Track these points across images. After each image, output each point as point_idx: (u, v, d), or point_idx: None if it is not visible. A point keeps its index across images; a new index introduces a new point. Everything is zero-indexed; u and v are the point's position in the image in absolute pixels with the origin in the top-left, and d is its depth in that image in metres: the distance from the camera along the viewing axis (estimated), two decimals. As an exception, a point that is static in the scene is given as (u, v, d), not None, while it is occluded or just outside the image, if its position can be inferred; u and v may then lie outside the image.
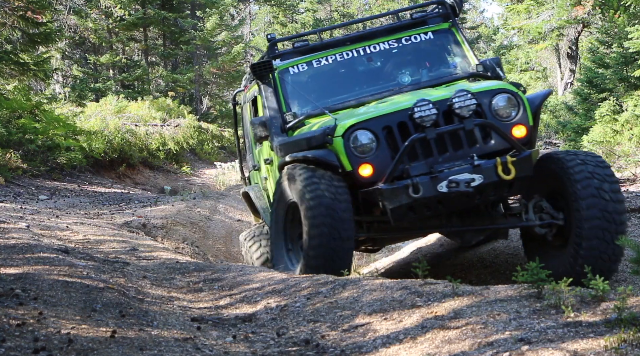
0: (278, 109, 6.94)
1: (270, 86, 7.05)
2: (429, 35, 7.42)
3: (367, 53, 7.34)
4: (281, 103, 7.00)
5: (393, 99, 6.67)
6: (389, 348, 3.87)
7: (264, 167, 7.69)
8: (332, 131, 6.16)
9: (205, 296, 5.73)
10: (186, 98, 29.86)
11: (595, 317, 3.68)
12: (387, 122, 6.15)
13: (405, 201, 5.93)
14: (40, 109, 15.93)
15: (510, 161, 5.97)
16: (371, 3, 44.13)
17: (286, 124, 6.85)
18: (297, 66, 7.24)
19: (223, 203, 12.38)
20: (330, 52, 7.30)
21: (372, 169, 6.08)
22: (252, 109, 7.96)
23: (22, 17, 15.23)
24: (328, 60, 7.29)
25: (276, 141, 6.69)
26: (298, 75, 7.19)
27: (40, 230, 8.24)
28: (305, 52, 7.32)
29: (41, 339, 3.80)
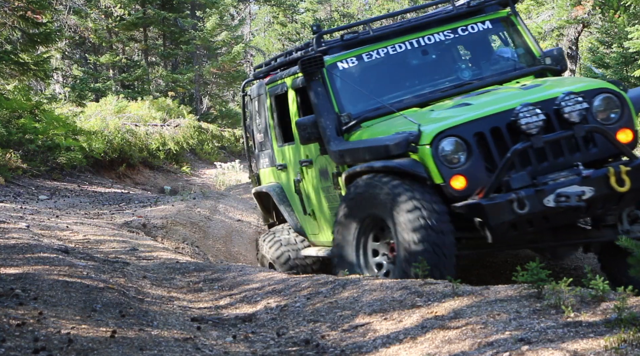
0: (329, 109, 6.31)
1: (320, 83, 6.41)
2: (486, 24, 6.81)
3: (421, 45, 6.71)
4: (332, 102, 6.38)
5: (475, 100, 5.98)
6: (389, 348, 3.88)
7: (295, 168, 7.14)
8: (417, 138, 5.52)
9: (205, 296, 5.74)
10: (186, 98, 29.86)
11: (595, 317, 3.68)
12: (479, 128, 5.52)
13: (509, 218, 5.27)
14: (40, 109, 15.93)
15: (625, 171, 5.32)
16: (371, 3, 44.12)
17: (342, 126, 6.26)
18: (346, 60, 6.59)
19: (223, 203, 12.38)
20: (381, 44, 6.67)
21: (464, 181, 5.45)
22: (276, 105, 7.37)
23: (22, 17, 15.23)
24: (379, 53, 6.64)
25: (335, 145, 6.13)
26: (347, 70, 6.57)
27: (40, 230, 8.24)
28: (353, 45, 6.67)
29: (41, 339, 3.80)
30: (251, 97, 8.01)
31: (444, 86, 6.57)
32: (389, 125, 6.03)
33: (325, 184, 6.65)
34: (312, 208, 6.99)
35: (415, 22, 6.80)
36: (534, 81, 6.38)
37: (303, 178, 7.01)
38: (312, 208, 6.99)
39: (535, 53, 6.71)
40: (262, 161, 7.94)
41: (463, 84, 6.54)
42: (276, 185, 7.60)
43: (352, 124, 6.26)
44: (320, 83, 6.41)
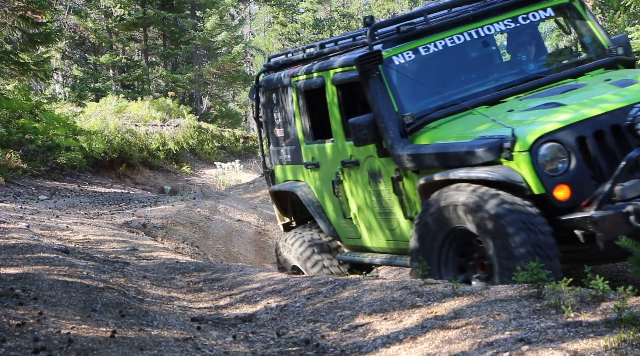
0: (390, 109, 5.79)
1: (378, 80, 5.87)
2: (548, 11, 6.29)
3: (481, 36, 6.20)
4: (391, 101, 5.85)
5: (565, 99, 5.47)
6: (389, 348, 3.88)
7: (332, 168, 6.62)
8: (512, 143, 5.00)
9: (205, 296, 5.74)
10: (186, 98, 29.87)
11: (595, 317, 3.68)
12: (581, 132, 5.05)
13: (625, 231, 4.62)
14: (40, 109, 15.94)
15: None
16: (371, 3, 44.13)
17: (406, 127, 5.74)
18: (402, 54, 6.04)
19: (223, 203, 12.38)
20: (438, 36, 6.12)
21: (569, 191, 4.97)
22: (305, 100, 6.86)
23: (22, 17, 15.24)
24: (437, 46, 6.10)
25: (401, 149, 5.65)
26: (404, 66, 6.03)
27: (40, 230, 8.24)
28: (409, 37, 6.13)
29: (41, 339, 3.80)
30: (266, 89, 7.44)
31: (508, 80, 6.09)
32: (466, 127, 5.55)
33: (375, 187, 6.18)
34: (353, 212, 6.54)
35: (474, 12, 6.25)
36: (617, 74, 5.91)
37: (344, 180, 6.51)
38: (354, 211, 6.53)
39: (604, 43, 6.23)
40: (280, 157, 7.44)
41: (531, 78, 6.06)
42: (303, 184, 7.12)
43: (416, 125, 5.76)
44: (378, 80, 5.88)
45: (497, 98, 5.83)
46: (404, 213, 5.91)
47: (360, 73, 5.90)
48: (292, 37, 42.52)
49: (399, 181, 5.88)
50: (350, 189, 6.47)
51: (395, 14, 42.57)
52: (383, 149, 5.86)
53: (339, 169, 6.52)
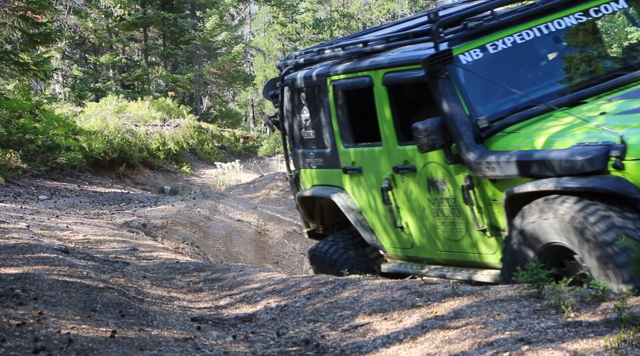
0: (461, 112, 5.36)
1: (447, 81, 5.45)
2: (621, 3, 5.84)
3: (552, 31, 5.75)
4: (462, 104, 5.42)
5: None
6: (389, 348, 3.88)
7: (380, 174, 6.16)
8: (622, 150, 4.53)
9: (205, 296, 5.74)
10: (186, 98, 29.87)
11: (595, 317, 3.68)
12: None
13: None
14: (40, 109, 15.93)
15: None
16: (371, 3, 44.13)
17: (481, 131, 5.28)
18: (469, 52, 5.57)
19: (223, 203, 12.38)
20: (506, 32, 5.67)
21: None
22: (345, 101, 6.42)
23: (22, 17, 15.24)
24: (505, 43, 5.65)
25: (478, 156, 5.20)
26: (472, 65, 5.57)
27: (40, 230, 8.24)
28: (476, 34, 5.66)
29: (41, 339, 3.80)
30: (293, 88, 6.94)
31: (584, 79, 5.68)
32: (554, 132, 5.10)
33: (436, 196, 5.74)
34: (405, 221, 6.10)
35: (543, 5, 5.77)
36: None
37: (395, 187, 6.05)
38: (407, 220, 6.10)
39: None
40: (308, 160, 6.96)
41: (612, 77, 5.62)
42: (340, 190, 6.65)
43: (492, 129, 5.31)
44: (447, 82, 5.44)
45: (576, 99, 5.42)
46: (475, 224, 5.44)
47: (428, 74, 5.44)
48: (292, 37, 42.53)
49: (469, 189, 5.41)
50: (404, 197, 6.02)
51: (395, 14, 42.58)
52: (452, 155, 5.40)
53: (389, 175, 6.06)
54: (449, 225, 5.73)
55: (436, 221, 5.82)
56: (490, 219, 5.35)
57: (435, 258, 5.98)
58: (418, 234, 6.03)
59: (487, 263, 5.52)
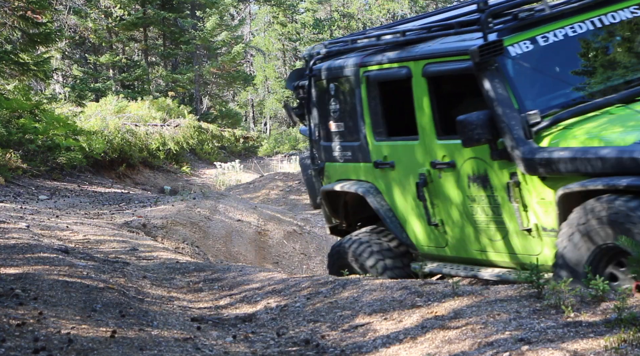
0: (510, 106, 5.16)
1: (496, 73, 5.24)
2: None
3: (606, 25, 5.52)
4: (510, 97, 5.21)
5: None
6: (389, 348, 3.88)
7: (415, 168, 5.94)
8: None
9: (205, 296, 5.74)
10: (186, 98, 29.88)
11: (595, 317, 3.68)
12: None
13: None
14: (40, 109, 15.93)
15: None
16: (371, 3, 44.14)
17: (532, 127, 5.07)
18: (518, 44, 5.35)
19: (223, 203, 12.38)
20: (558, 24, 5.44)
21: None
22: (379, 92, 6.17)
23: (22, 17, 15.24)
24: (556, 35, 5.43)
25: (528, 151, 5.01)
26: (521, 57, 5.35)
27: (40, 230, 8.24)
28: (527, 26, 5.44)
29: (41, 339, 3.80)
30: (322, 79, 6.69)
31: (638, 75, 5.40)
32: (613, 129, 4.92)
33: (476, 193, 5.53)
34: (440, 218, 5.89)
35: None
36: None
37: (431, 182, 5.84)
38: (442, 217, 5.89)
39: None
40: (334, 153, 6.74)
41: None
42: (370, 185, 6.42)
43: (544, 125, 5.08)
44: (496, 74, 5.23)
45: (631, 96, 5.21)
46: (519, 223, 5.24)
47: (477, 65, 5.20)
48: (292, 37, 42.54)
49: (515, 187, 5.21)
50: (440, 194, 5.81)
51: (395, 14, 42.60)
52: (498, 150, 5.21)
53: (425, 171, 5.84)
54: (488, 224, 5.52)
55: (474, 219, 5.62)
56: (536, 218, 5.14)
57: (470, 257, 5.76)
58: (453, 233, 5.83)
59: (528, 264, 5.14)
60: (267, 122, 44.53)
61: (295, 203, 16.93)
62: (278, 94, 41.27)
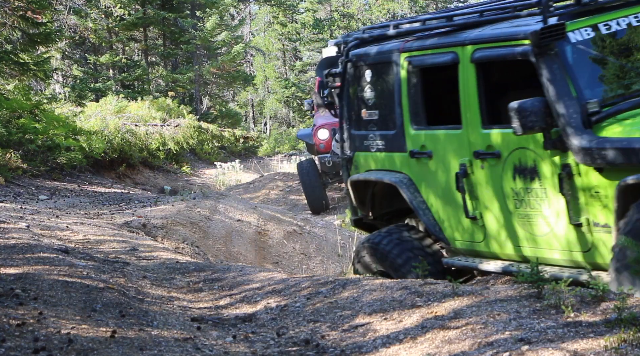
0: (569, 94, 4.97)
1: (555, 59, 5.04)
2: None
3: None
4: (569, 85, 5.01)
5: None
6: (389, 348, 3.88)
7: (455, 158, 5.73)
8: None
9: (205, 296, 5.74)
10: (186, 98, 29.88)
11: (595, 317, 3.68)
12: None
13: None
14: (40, 109, 15.93)
15: None
16: (371, 3, 44.14)
17: (591, 116, 4.89)
18: (579, 30, 5.15)
19: (223, 203, 12.37)
20: (621, 13, 5.24)
21: None
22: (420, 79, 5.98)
23: (22, 17, 15.24)
24: (620, 24, 5.21)
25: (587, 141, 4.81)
26: (581, 44, 5.15)
27: (40, 230, 8.23)
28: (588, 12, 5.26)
29: (41, 339, 3.80)
30: (358, 65, 6.51)
31: None
32: None
33: (523, 185, 5.32)
34: (479, 211, 5.67)
35: None
36: None
37: (472, 173, 5.62)
38: (481, 211, 5.67)
39: None
40: (367, 142, 6.51)
41: None
42: (403, 176, 6.16)
43: (603, 115, 4.91)
44: (555, 59, 5.03)
45: None
46: (569, 217, 5.02)
47: (537, 48, 5.00)
48: (292, 37, 42.54)
49: (567, 179, 5.00)
50: (481, 185, 5.59)
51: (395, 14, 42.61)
52: (552, 140, 5.00)
53: (466, 161, 5.62)
54: (533, 218, 5.31)
55: (517, 212, 5.39)
56: (587, 212, 4.93)
57: (508, 253, 5.56)
58: (493, 226, 5.59)
59: (576, 261, 5.09)
60: (267, 122, 44.53)
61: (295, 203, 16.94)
62: (278, 94, 41.27)
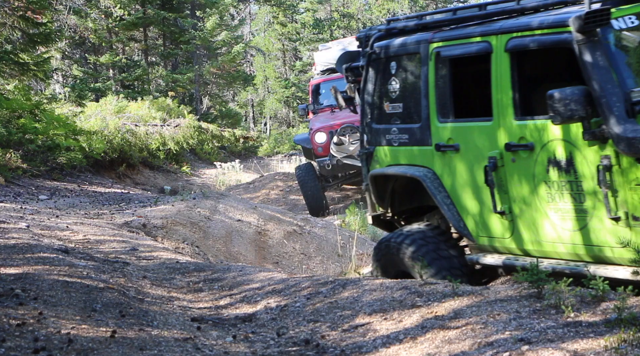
0: (612, 82, 4.83)
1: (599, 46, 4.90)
2: None
3: None
4: (611, 72, 4.87)
5: None
6: (389, 348, 3.88)
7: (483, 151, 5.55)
8: None
9: (205, 296, 5.73)
10: (186, 98, 29.88)
11: (595, 317, 3.68)
12: None
13: None
14: (40, 109, 15.93)
15: None
16: (371, 3, 44.14)
17: (635, 105, 4.75)
18: (623, 18, 4.98)
19: (223, 203, 12.37)
20: None
21: None
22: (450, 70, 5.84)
23: (22, 17, 15.24)
24: None
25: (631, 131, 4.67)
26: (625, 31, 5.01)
27: (40, 230, 8.23)
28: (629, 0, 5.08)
29: (41, 339, 3.80)
30: (383, 57, 6.35)
31: None
32: None
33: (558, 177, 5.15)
34: (508, 205, 5.49)
35: None
36: None
37: (502, 166, 5.44)
38: (510, 205, 5.49)
39: None
40: (389, 136, 6.35)
41: None
42: (427, 170, 6.02)
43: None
44: (598, 46, 4.89)
45: None
46: (607, 211, 4.85)
47: (580, 33, 4.85)
48: (292, 37, 42.54)
49: (606, 171, 4.84)
50: (512, 178, 5.42)
51: (395, 14, 42.62)
52: (591, 130, 4.85)
53: (497, 154, 5.45)
54: (567, 212, 5.13)
55: (551, 206, 5.22)
56: (627, 205, 4.75)
57: (539, 249, 5.37)
58: (523, 221, 5.41)
59: (612, 257, 4.90)
60: (267, 122, 44.53)
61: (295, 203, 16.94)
62: (278, 94, 41.28)
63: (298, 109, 18.64)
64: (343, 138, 15.08)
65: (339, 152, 15.20)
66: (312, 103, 16.83)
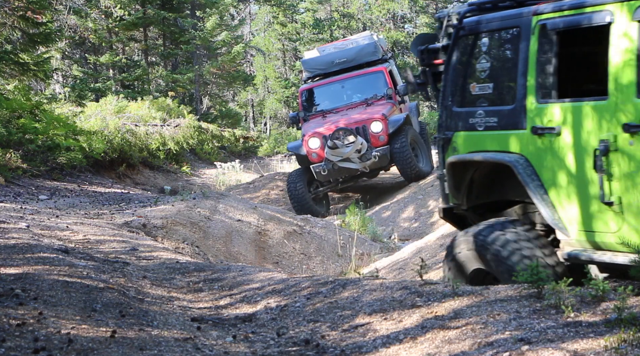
0: None
1: None
2: None
3: None
4: None
5: None
6: (389, 348, 3.88)
7: (595, 134, 4.98)
8: None
9: (205, 296, 5.73)
10: (186, 98, 29.88)
11: (595, 317, 3.68)
12: None
13: None
14: (40, 109, 15.94)
15: None
16: (371, 3, 44.14)
17: None
18: None
19: (223, 203, 12.37)
20: None
21: None
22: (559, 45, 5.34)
23: (22, 17, 15.25)
24: None
25: None
26: None
27: (40, 230, 8.23)
28: None
29: (41, 339, 3.80)
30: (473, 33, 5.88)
31: None
32: None
33: None
34: (619, 195, 4.89)
35: None
36: None
37: (616, 150, 4.85)
38: (621, 195, 4.89)
39: None
40: (474, 120, 5.83)
41: None
42: (518, 156, 5.46)
43: None
44: None
45: None
46: None
47: None
48: (292, 37, 42.55)
49: None
50: (627, 164, 4.84)
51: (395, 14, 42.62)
52: None
53: (610, 136, 4.86)
54: None
55: None
56: None
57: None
58: (635, 213, 4.82)
59: None
60: (267, 122, 44.54)
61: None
62: (278, 94, 41.28)
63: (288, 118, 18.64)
64: (337, 142, 15.06)
65: (334, 156, 15.19)
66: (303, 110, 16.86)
